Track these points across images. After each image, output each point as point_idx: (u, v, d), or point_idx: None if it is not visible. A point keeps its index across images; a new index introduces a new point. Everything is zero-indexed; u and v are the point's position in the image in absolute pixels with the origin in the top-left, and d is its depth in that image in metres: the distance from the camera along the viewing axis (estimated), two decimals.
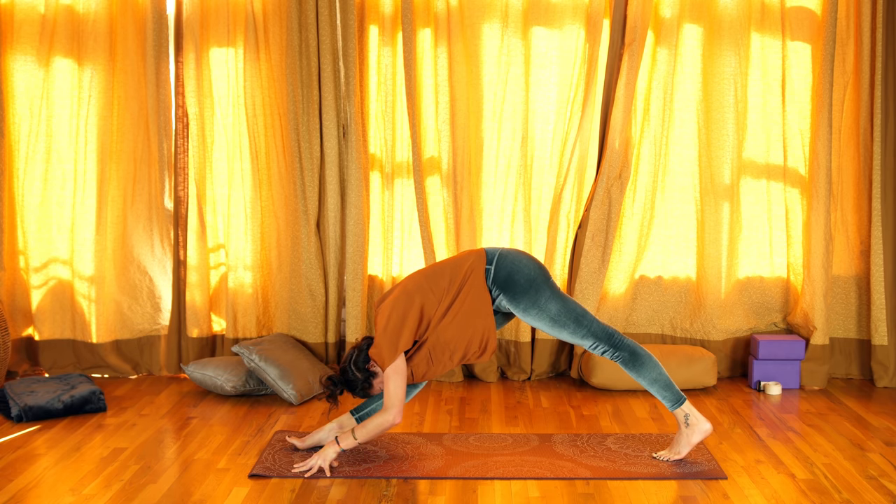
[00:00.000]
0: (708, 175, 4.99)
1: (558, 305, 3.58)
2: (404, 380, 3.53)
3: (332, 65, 4.83)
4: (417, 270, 3.72)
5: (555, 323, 3.59)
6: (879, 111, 4.79)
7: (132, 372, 5.12)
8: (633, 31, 4.79)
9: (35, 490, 3.40)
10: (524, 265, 3.60)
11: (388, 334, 3.51)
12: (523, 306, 3.59)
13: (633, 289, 5.11)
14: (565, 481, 3.48)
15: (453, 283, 3.57)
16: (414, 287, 3.58)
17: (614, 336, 3.63)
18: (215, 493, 3.36)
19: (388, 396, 3.51)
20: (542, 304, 3.57)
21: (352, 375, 3.62)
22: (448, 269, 3.61)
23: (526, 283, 3.57)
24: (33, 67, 4.95)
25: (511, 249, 3.66)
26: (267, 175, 4.97)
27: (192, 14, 4.88)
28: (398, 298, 3.57)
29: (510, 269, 3.58)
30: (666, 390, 3.64)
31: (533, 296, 3.57)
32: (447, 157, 4.91)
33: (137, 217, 5.03)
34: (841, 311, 5.06)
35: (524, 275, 3.58)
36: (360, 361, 3.61)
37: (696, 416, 3.66)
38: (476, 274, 3.57)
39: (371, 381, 3.63)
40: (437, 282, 3.58)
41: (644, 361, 3.63)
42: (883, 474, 3.57)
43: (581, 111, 4.89)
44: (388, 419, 3.51)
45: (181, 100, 4.98)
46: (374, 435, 3.55)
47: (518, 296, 3.58)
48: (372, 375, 3.62)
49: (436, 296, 3.56)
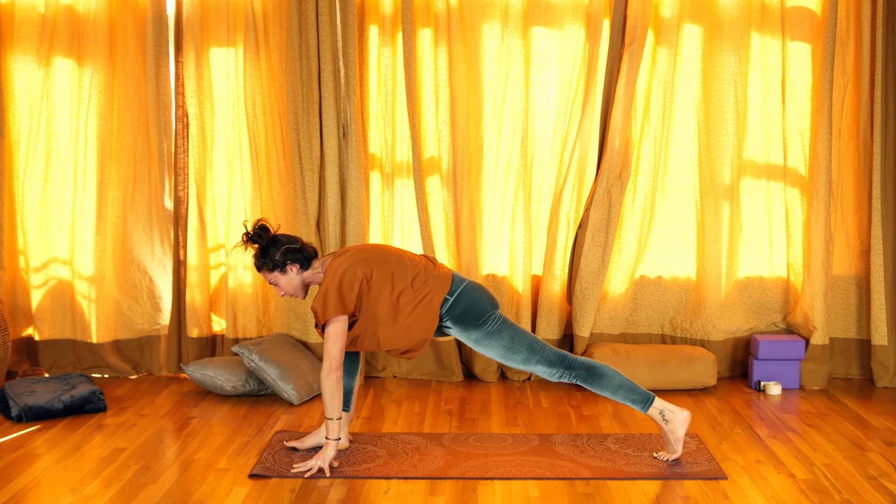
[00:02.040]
0: (708, 175, 4.99)
1: (510, 334, 3.62)
2: (343, 339, 3.49)
3: (332, 65, 4.83)
4: (392, 247, 3.70)
5: (508, 351, 3.62)
6: (879, 111, 4.78)
7: (132, 372, 5.12)
8: (633, 31, 4.79)
9: (35, 490, 3.40)
10: (481, 301, 3.62)
11: (332, 293, 3.46)
12: (474, 338, 3.63)
13: (633, 289, 5.11)
14: (565, 481, 3.48)
15: (410, 289, 3.55)
16: (381, 259, 3.55)
17: (567, 357, 3.65)
18: (215, 493, 3.36)
19: (329, 354, 3.48)
20: (493, 336, 3.61)
21: (274, 252, 3.57)
22: (412, 271, 3.58)
23: (479, 318, 3.60)
24: (33, 67, 4.95)
25: (471, 284, 3.65)
26: (267, 175, 4.97)
27: (192, 14, 4.88)
28: (356, 260, 3.53)
29: (467, 305, 3.60)
30: (632, 393, 3.64)
31: (484, 329, 3.61)
32: (447, 157, 4.91)
33: (137, 217, 5.03)
34: (841, 311, 5.06)
35: (479, 310, 3.60)
36: (290, 257, 3.57)
37: (670, 410, 3.65)
38: (434, 296, 3.56)
39: (277, 270, 3.59)
40: (400, 273, 3.56)
41: (602, 373, 3.64)
42: (883, 474, 3.57)
43: (581, 111, 4.89)
44: (327, 374, 3.47)
45: (181, 100, 4.99)
46: (329, 399, 3.50)
47: (469, 329, 3.62)
48: (283, 270, 3.58)
49: (391, 284, 3.54)
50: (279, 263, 3.59)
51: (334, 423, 3.54)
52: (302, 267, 3.62)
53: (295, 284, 3.63)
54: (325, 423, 3.56)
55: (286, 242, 3.61)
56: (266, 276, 3.65)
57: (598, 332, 5.08)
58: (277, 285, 3.64)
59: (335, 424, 3.54)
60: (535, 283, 5.10)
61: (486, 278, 5.07)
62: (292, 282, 3.62)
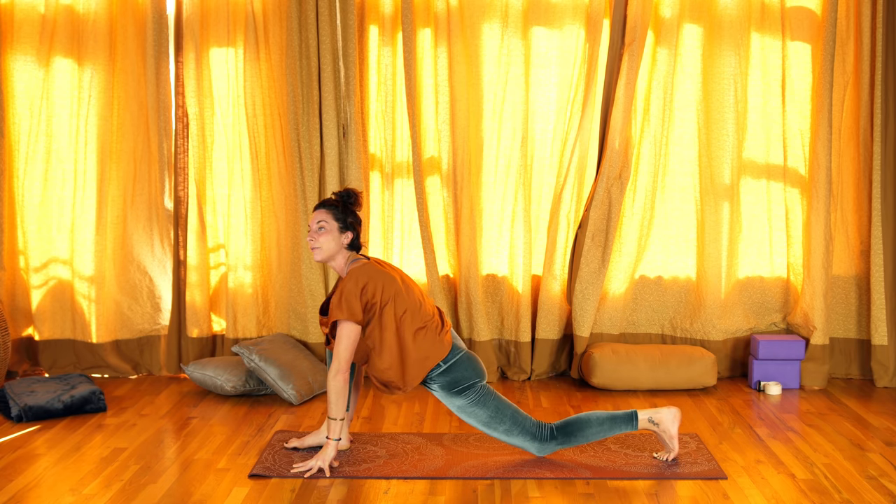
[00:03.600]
0: (708, 175, 4.99)
1: (495, 405, 3.61)
2: (354, 343, 3.49)
3: (332, 65, 4.83)
4: (417, 286, 3.68)
5: (491, 420, 3.61)
6: (879, 111, 4.78)
7: (132, 372, 5.12)
8: (633, 31, 4.79)
9: (35, 490, 3.40)
10: (470, 374, 3.60)
11: (352, 296, 3.46)
12: (458, 405, 3.62)
13: (633, 289, 5.11)
14: (565, 481, 3.48)
15: (412, 337, 3.53)
16: (405, 291, 3.55)
17: (546, 427, 3.64)
18: (215, 493, 3.36)
19: (339, 355, 3.47)
20: (478, 405, 3.60)
21: (349, 211, 3.60)
22: (422, 319, 3.57)
23: (466, 389, 3.59)
24: (33, 67, 4.95)
25: (466, 356, 3.63)
26: (267, 175, 4.98)
27: (192, 14, 4.88)
28: (384, 272, 3.54)
29: (458, 376, 3.59)
30: (616, 421, 3.64)
31: (468, 398, 3.60)
32: (447, 157, 4.91)
33: (137, 217, 5.03)
34: (841, 311, 5.06)
35: (467, 382, 3.59)
36: (353, 227, 3.60)
37: (657, 414, 3.66)
38: (429, 358, 3.55)
39: (339, 224, 3.58)
40: (412, 314, 3.54)
41: (581, 423, 3.63)
42: (883, 474, 3.57)
43: (581, 111, 4.89)
44: (335, 375, 3.47)
45: (181, 100, 4.99)
46: (335, 399, 3.50)
47: (453, 397, 3.61)
48: (343, 227, 3.58)
49: (400, 319, 3.53)
50: (343, 221, 3.58)
51: (337, 424, 3.54)
52: (351, 243, 3.60)
53: (332, 246, 3.57)
54: (328, 423, 3.56)
55: (360, 220, 3.65)
56: (321, 217, 3.57)
57: (598, 332, 5.08)
58: (322, 232, 3.56)
59: (337, 425, 3.54)
60: (535, 283, 5.10)
61: (486, 278, 5.07)
62: (334, 242, 3.57)
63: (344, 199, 3.63)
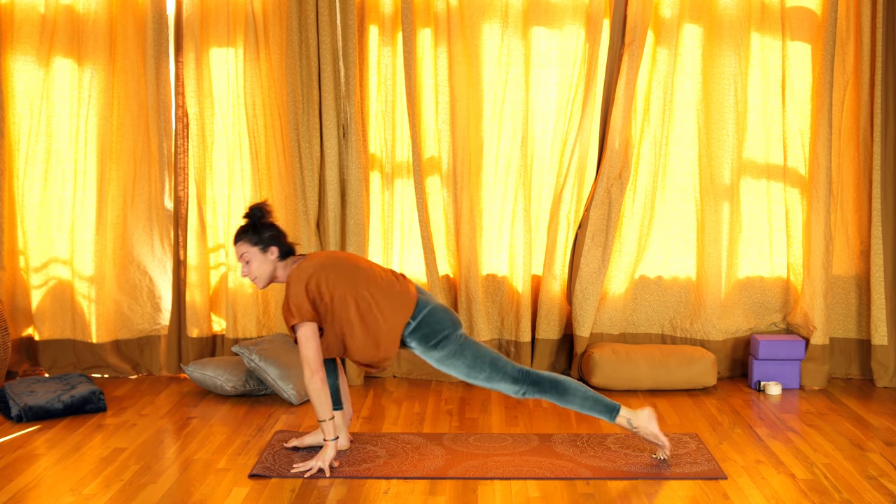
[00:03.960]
0: (708, 175, 4.99)
1: (473, 353, 3.60)
2: (316, 340, 3.48)
3: (332, 65, 4.83)
4: (361, 258, 3.66)
5: (470, 370, 3.60)
6: (879, 111, 4.78)
7: (132, 372, 5.12)
8: (633, 31, 4.79)
9: (35, 490, 3.40)
10: (444, 324, 3.59)
11: (294, 298, 3.46)
12: (437, 358, 3.62)
13: (633, 289, 5.11)
14: (565, 481, 3.48)
15: (375, 307, 3.52)
16: (348, 271, 3.52)
17: (531, 373, 3.63)
18: (215, 493, 3.36)
19: (306, 358, 3.48)
20: (456, 356, 3.59)
21: (263, 231, 3.57)
22: (378, 287, 3.55)
23: (442, 340, 3.59)
24: (33, 67, 4.95)
25: (435, 308, 3.62)
26: (267, 175, 4.97)
27: (192, 14, 4.88)
28: (316, 266, 3.51)
29: (430, 330, 3.58)
30: (598, 405, 3.63)
31: (446, 350, 3.59)
32: (447, 157, 4.91)
33: (137, 217, 5.03)
34: (841, 311, 5.06)
35: (442, 333, 3.59)
36: (276, 241, 3.56)
37: (633, 415, 3.65)
38: (398, 318, 3.54)
39: (259, 247, 3.56)
40: (365, 287, 3.53)
41: (567, 387, 3.63)
42: (883, 474, 3.57)
43: (581, 111, 4.89)
44: (310, 377, 3.48)
45: (181, 100, 4.99)
46: (318, 402, 3.51)
47: (432, 350, 3.60)
48: (263, 249, 3.55)
49: (356, 297, 3.51)
50: (265, 241, 3.57)
51: (328, 425, 3.54)
52: (280, 255, 3.60)
53: (265, 269, 3.59)
54: (321, 427, 3.56)
55: (278, 229, 3.62)
56: (241, 250, 3.58)
57: (598, 332, 5.08)
58: (249, 263, 3.58)
59: (329, 425, 3.55)
60: (535, 283, 5.10)
61: (486, 278, 5.07)
62: (264, 265, 3.58)
63: (253, 218, 3.61)
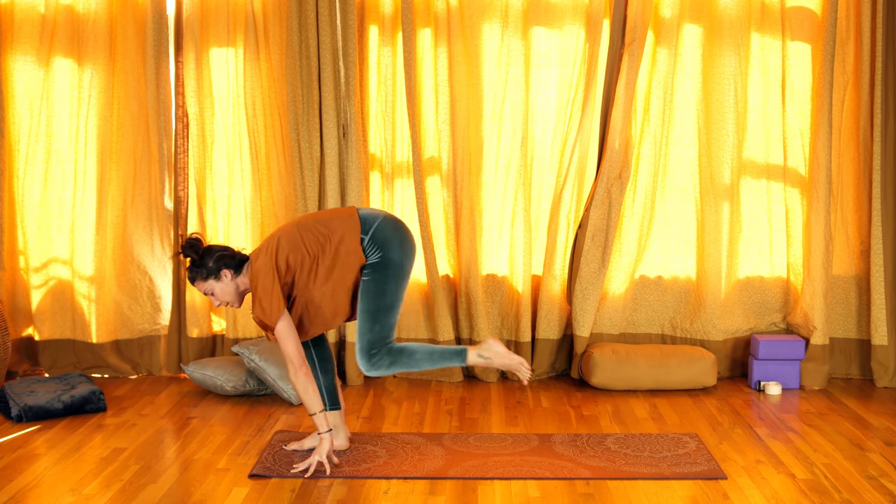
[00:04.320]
0: (708, 175, 4.99)
1: (395, 288, 3.54)
2: (295, 335, 3.50)
3: (332, 65, 4.83)
4: (297, 217, 3.64)
5: (374, 296, 3.52)
6: (879, 111, 4.78)
7: (132, 372, 5.12)
8: (633, 31, 4.79)
9: (35, 490, 3.40)
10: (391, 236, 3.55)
11: (265, 293, 3.46)
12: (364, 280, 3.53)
13: (633, 289, 5.11)
14: (565, 481, 3.48)
15: (325, 245, 3.52)
16: (284, 239, 3.53)
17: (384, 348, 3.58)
18: (215, 493, 3.36)
19: (288, 354, 3.49)
20: (377, 278, 3.53)
21: (208, 260, 3.56)
22: (320, 226, 3.55)
23: (385, 263, 3.53)
24: (33, 67, 4.95)
25: (387, 222, 3.58)
26: (267, 175, 4.98)
27: (192, 14, 4.88)
28: (268, 250, 3.52)
29: (381, 237, 3.53)
30: (444, 358, 3.61)
31: (392, 266, 3.54)
32: (447, 157, 4.91)
33: (137, 217, 5.03)
34: (841, 311, 5.06)
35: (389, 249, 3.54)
36: (224, 263, 3.56)
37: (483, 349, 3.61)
38: (348, 241, 3.52)
39: (212, 278, 3.56)
40: (307, 236, 3.53)
41: (412, 350, 3.60)
42: (883, 474, 3.57)
43: (581, 111, 4.89)
44: (294, 373, 3.49)
45: (181, 100, 4.99)
46: (305, 396, 3.51)
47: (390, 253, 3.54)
48: (217, 277, 3.56)
49: (307, 251, 3.52)
50: (213, 270, 3.56)
51: (319, 418, 3.55)
52: (236, 272, 3.59)
53: (230, 291, 3.59)
54: (313, 420, 3.58)
55: (218, 250, 3.60)
56: (201, 287, 3.60)
57: (598, 332, 5.08)
58: (213, 294, 3.60)
59: (320, 418, 3.55)
60: (535, 283, 5.10)
61: (486, 278, 5.07)
62: (227, 288, 3.59)
63: (195, 254, 3.59)
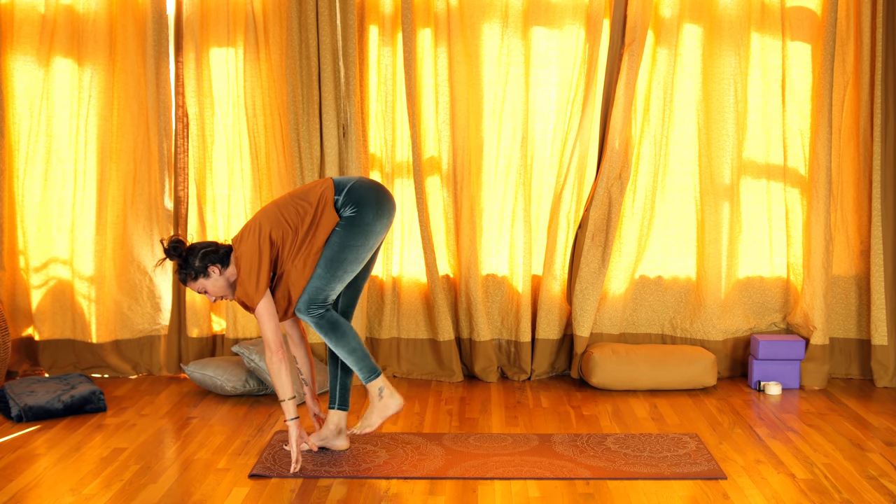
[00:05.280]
0: (708, 175, 4.99)
1: (355, 256, 3.56)
2: (275, 318, 3.54)
3: (332, 65, 4.83)
4: (272, 201, 3.69)
5: (336, 252, 3.54)
6: (879, 111, 4.78)
7: (132, 372, 5.13)
8: (633, 31, 4.79)
9: (35, 490, 3.40)
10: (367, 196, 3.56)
11: (248, 275, 3.50)
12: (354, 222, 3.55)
13: (633, 289, 5.11)
14: (565, 481, 3.48)
15: (304, 216, 3.55)
16: (264, 218, 3.57)
17: (330, 307, 3.61)
18: (215, 493, 3.36)
19: (265, 337, 3.52)
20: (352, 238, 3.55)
21: (193, 260, 3.58)
22: (297, 199, 3.59)
23: (357, 223, 3.55)
24: (33, 67, 4.95)
25: (362, 182, 3.61)
26: (267, 175, 4.98)
27: (192, 14, 4.88)
28: (251, 231, 3.55)
29: (355, 198, 3.55)
30: (363, 361, 3.64)
31: (353, 230, 3.55)
32: (447, 157, 4.91)
33: (137, 217, 5.03)
34: (841, 311, 5.06)
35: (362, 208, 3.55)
36: (209, 260, 3.58)
37: (390, 391, 3.67)
38: (323, 203, 3.55)
39: (201, 277, 3.59)
40: (286, 211, 3.56)
41: (344, 332, 3.62)
42: (883, 474, 3.57)
43: (581, 111, 4.89)
44: (269, 357, 3.53)
45: (181, 100, 4.99)
46: (277, 381, 3.54)
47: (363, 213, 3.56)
48: (205, 275, 3.58)
49: (288, 225, 3.54)
50: (200, 269, 3.58)
51: (288, 405, 3.57)
52: (223, 265, 3.61)
53: (221, 285, 3.62)
54: (282, 407, 3.59)
55: (202, 247, 3.62)
56: (193, 287, 3.63)
57: (597, 332, 5.08)
58: (206, 292, 3.63)
59: (289, 405, 3.57)
60: (535, 283, 5.10)
61: (486, 278, 5.07)
62: (218, 283, 3.61)
63: (178, 256, 3.61)
